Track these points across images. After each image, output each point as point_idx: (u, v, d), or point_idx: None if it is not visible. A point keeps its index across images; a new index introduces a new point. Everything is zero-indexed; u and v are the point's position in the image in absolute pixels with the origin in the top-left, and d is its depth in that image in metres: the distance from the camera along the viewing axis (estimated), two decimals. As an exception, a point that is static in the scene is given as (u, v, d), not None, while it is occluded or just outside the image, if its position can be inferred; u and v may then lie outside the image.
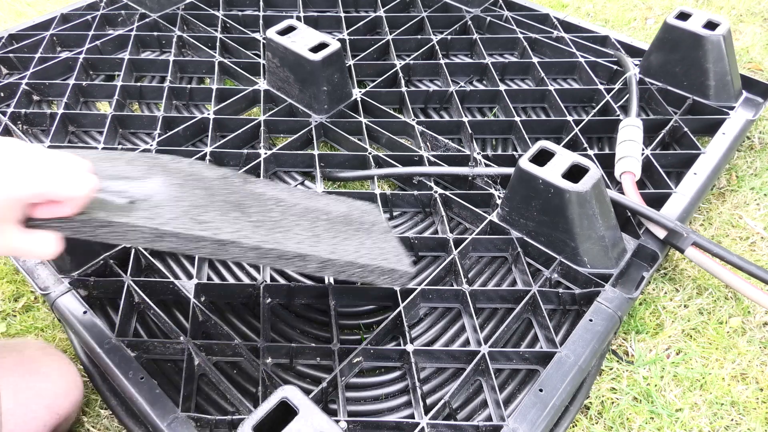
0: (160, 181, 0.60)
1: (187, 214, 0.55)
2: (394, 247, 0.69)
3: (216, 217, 0.57)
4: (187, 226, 0.53)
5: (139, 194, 0.56)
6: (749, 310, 0.83)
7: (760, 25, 1.38)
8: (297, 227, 0.62)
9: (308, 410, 0.54)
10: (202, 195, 0.60)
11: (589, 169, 0.77)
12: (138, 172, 0.61)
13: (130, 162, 0.64)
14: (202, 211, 0.57)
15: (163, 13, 1.33)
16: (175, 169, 0.64)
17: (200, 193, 0.61)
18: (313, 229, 0.64)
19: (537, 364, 0.73)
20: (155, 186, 0.58)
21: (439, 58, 1.20)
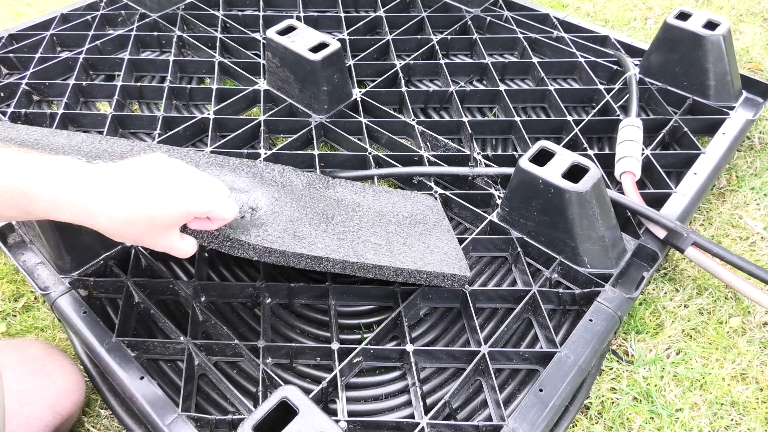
0: (262, 193, 0.73)
1: (287, 230, 0.68)
2: (454, 249, 0.78)
3: (310, 232, 0.69)
4: (289, 243, 0.66)
5: (247, 208, 0.69)
6: (749, 310, 0.84)
7: (760, 25, 1.38)
8: (373, 236, 0.74)
9: (308, 410, 0.54)
10: (295, 207, 0.73)
11: (589, 169, 0.77)
12: (243, 183, 0.75)
13: (234, 171, 0.78)
14: (298, 226, 0.70)
15: (163, 13, 1.33)
16: (270, 180, 0.78)
17: (294, 205, 0.74)
18: (387, 236, 0.75)
19: (537, 364, 0.73)
20: (259, 199, 0.72)
21: (439, 58, 1.20)
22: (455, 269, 0.73)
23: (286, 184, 0.79)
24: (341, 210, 0.77)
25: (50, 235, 0.75)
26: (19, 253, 0.83)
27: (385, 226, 0.77)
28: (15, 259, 0.82)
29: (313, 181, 0.82)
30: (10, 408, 0.61)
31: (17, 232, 0.85)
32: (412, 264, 0.70)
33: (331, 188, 0.82)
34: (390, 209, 0.82)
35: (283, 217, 0.70)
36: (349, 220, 0.75)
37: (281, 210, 0.71)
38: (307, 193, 0.78)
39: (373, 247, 0.71)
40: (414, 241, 0.76)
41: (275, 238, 0.65)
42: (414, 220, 0.81)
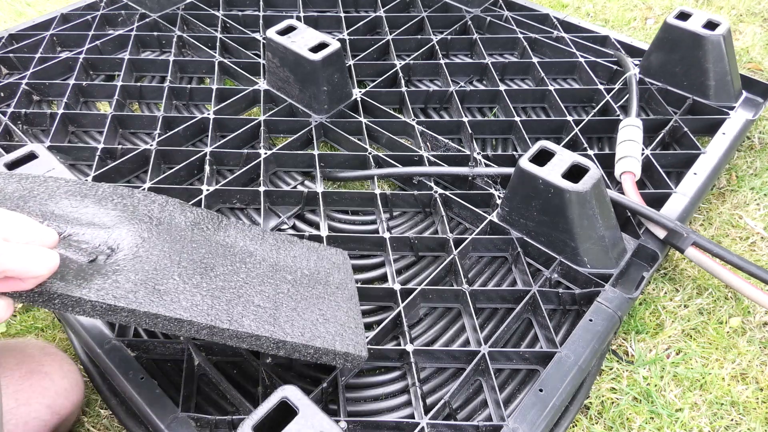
0: (126, 231, 0.60)
1: (146, 282, 0.55)
2: (354, 320, 0.68)
3: (177, 285, 0.57)
4: (143, 299, 0.53)
5: (104, 248, 0.57)
6: (749, 310, 0.83)
7: (760, 25, 1.38)
8: (258, 296, 0.63)
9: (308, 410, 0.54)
10: (167, 252, 0.61)
11: (589, 169, 0.77)
12: (107, 217, 0.61)
13: (100, 201, 0.64)
14: (163, 276, 0.57)
15: (163, 13, 1.33)
16: (144, 215, 0.64)
17: (166, 249, 0.61)
18: (275, 296, 0.64)
19: (537, 364, 0.73)
20: (121, 238, 0.59)
21: (439, 58, 1.20)
22: (349, 346, 0.63)
23: (164, 221, 0.66)
24: (227, 259, 0.65)
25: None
26: (18, 253, 0.83)
27: (276, 284, 0.66)
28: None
29: (200, 220, 0.70)
30: (8, 408, 0.61)
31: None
32: (298, 336, 0.61)
33: (221, 231, 0.70)
34: (288, 263, 0.71)
35: (147, 264, 0.58)
36: (233, 272, 0.64)
37: (147, 254, 0.59)
38: (189, 235, 0.66)
39: (255, 310, 0.61)
40: (308, 305, 0.66)
41: (126, 291, 0.53)
42: (314, 279, 0.71)
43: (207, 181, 0.94)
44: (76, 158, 1.01)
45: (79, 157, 1.01)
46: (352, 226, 0.92)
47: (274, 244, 0.73)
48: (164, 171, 0.98)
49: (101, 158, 0.98)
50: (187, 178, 0.98)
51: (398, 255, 0.87)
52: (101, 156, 0.98)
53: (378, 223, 0.92)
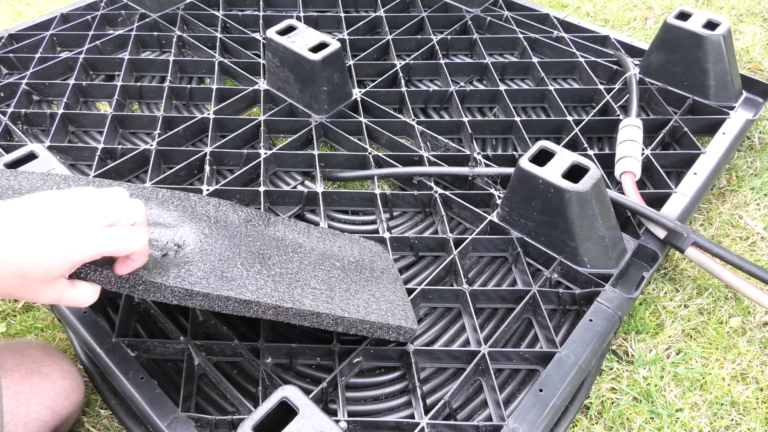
0: (190, 229, 0.66)
1: (214, 270, 0.61)
2: (401, 299, 0.72)
3: (241, 273, 0.62)
4: (215, 285, 0.58)
5: (172, 245, 0.62)
6: (749, 310, 0.83)
7: (760, 25, 1.37)
8: (313, 279, 0.68)
9: (308, 410, 0.54)
10: (227, 246, 0.66)
11: (589, 169, 0.77)
12: (170, 217, 0.67)
13: (162, 203, 0.70)
14: (228, 266, 0.62)
15: (163, 13, 1.33)
16: (203, 214, 0.71)
17: (226, 243, 0.66)
18: (329, 280, 0.69)
19: (537, 364, 0.73)
20: (186, 235, 0.64)
21: (439, 58, 1.20)
22: (401, 321, 0.67)
23: (220, 219, 0.71)
24: (280, 250, 0.70)
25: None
26: (18, 253, 0.83)
27: (327, 269, 0.71)
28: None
29: (251, 217, 0.75)
30: (8, 408, 0.61)
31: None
32: (354, 313, 0.64)
33: (271, 226, 0.76)
34: (335, 252, 0.76)
35: (212, 256, 0.63)
36: (288, 261, 0.69)
37: (211, 248, 0.64)
38: (244, 230, 0.71)
39: (312, 291, 0.65)
40: (359, 287, 0.70)
41: (198, 278, 0.58)
42: (360, 265, 0.75)
43: (207, 181, 0.94)
44: (76, 158, 1.01)
45: (79, 157, 1.01)
46: (352, 226, 0.92)
47: (320, 236, 0.78)
48: (164, 171, 0.98)
49: (101, 158, 0.98)
50: (187, 178, 0.98)
51: (398, 255, 0.87)
52: (101, 156, 0.98)
53: (378, 223, 0.92)
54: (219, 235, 0.67)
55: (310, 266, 0.70)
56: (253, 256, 0.66)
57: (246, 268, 0.64)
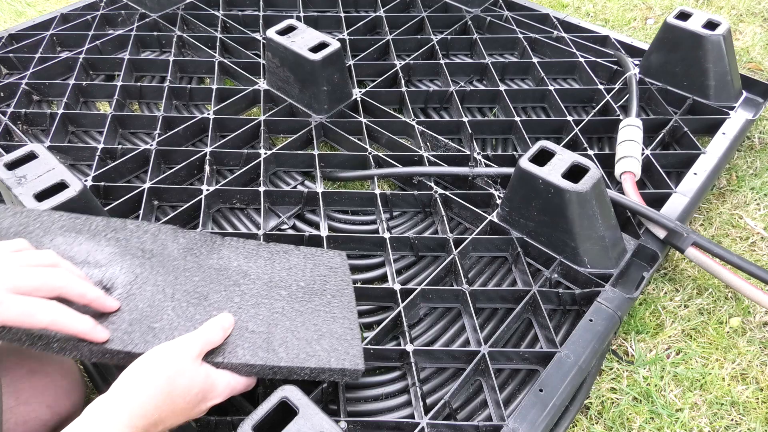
0: (120, 269, 0.62)
1: (141, 321, 0.58)
2: (351, 331, 0.67)
3: (171, 321, 0.59)
4: (139, 340, 0.56)
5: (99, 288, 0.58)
6: (749, 310, 0.83)
7: (760, 25, 1.38)
8: (252, 320, 0.63)
9: (308, 410, 0.54)
10: (161, 286, 0.63)
11: (589, 169, 0.77)
12: (101, 254, 0.64)
13: (94, 237, 0.66)
14: (157, 313, 0.60)
15: (163, 13, 1.33)
16: (137, 248, 0.67)
17: (160, 282, 0.63)
18: (270, 318, 0.65)
19: (537, 364, 0.73)
20: (115, 275, 0.61)
21: (439, 58, 1.20)
22: (345, 361, 0.63)
23: (156, 252, 0.67)
24: (221, 284, 0.66)
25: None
26: (18, 253, 0.83)
27: (270, 303, 0.66)
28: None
29: (193, 245, 0.71)
30: (8, 407, 0.60)
31: (17, 232, 0.85)
32: (292, 359, 0.61)
33: (215, 253, 0.71)
34: (283, 277, 0.71)
35: (141, 302, 0.60)
36: (227, 299, 0.65)
37: (140, 290, 0.61)
38: (182, 264, 0.67)
39: (249, 337, 0.61)
40: (303, 322, 0.66)
41: (122, 333, 0.56)
42: (310, 291, 0.70)
43: (207, 181, 0.94)
44: (76, 158, 1.01)
45: (79, 157, 1.01)
46: (352, 226, 0.92)
47: (269, 257, 0.73)
48: (164, 171, 0.98)
49: (101, 158, 0.98)
50: (187, 178, 0.98)
51: (398, 255, 0.87)
52: (101, 156, 0.98)
53: (378, 223, 0.92)
54: (152, 272, 0.64)
55: (252, 301, 0.66)
56: (188, 297, 0.63)
57: (178, 314, 0.61)
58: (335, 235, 0.86)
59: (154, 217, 0.92)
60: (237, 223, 0.91)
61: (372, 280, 0.85)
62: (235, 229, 0.90)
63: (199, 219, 0.88)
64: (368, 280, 0.85)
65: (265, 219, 0.89)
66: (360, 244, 0.87)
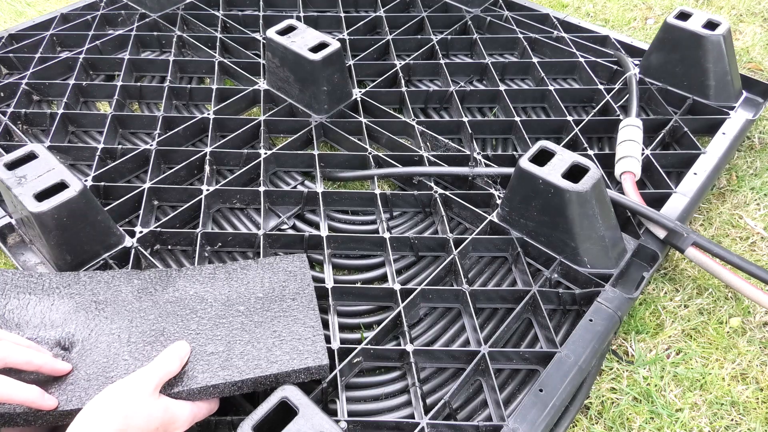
0: (75, 326, 0.65)
1: (99, 375, 0.60)
2: (312, 329, 0.68)
3: (128, 366, 0.61)
4: (95, 393, 0.57)
5: (57, 350, 0.62)
6: (749, 310, 0.83)
7: (760, 25, 1.38)
8: (211, 343, 0.65)
9: (308, 410, 0.54)
10: (116, 333, 0.65)
11: (590, 169, 0.77)
12: (56, 313, 0.67)
13: (48, 295, 0.69)
14: (114, 362, 0.62)
15: (163, 13, 1.33)
16: (91, 302, 0.69)
17: (115, 330, 0.66)
18: (229, 335, 0.66)
19: (537, 364, 0.73)
20: (71, 334, 0.64)
21: (439, 58, 1.20)
22: (308, 359, 0.64)
23: (110, 300, 0.69)
24: (177, 316, 0.68)
25: (50, 235, 0.75)
26: (19, 253, 0.83)
27: (229, 321, 0.67)
28: (15, 259, 0.82)
29: (147, 284, 0.72)
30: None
31: (17, 232, 0.85)
32: (253, 370, 0.62)
33: (170, 287, 0.72)
34: (241, 293, 0.72)
35: (97, 354, 0.62)
36: (184, 328, 0.66)
37: (95, 344, 0.63)
38: (137, 305, 0.69)
39: (208, 359, 0.62)
40: (262, 332, 0.67)
41: (80, 390, 0.58)
42: (268, 299, 0.71)
43: (207, 181, 0.94)
44: (76, 158, 1.01)
45: (79, 157, 1.01)
46: (352, 226, 0.92)
47: (226, 278, 0.74)
48: (164, 171, 0.98)
49: (101, 158, 0.98)
50: (187, 178, 0.98)
51: (398, 255, 0.87)
52: (101, 156, 0.98)
53: (378, 223, 0.92)
54: (107, 322, 0.66)
55: (210, 323, 0.67)
56: (144, 337, 0.65)
57: (135, 357, 0.62)
58: (335, 235, 0.86)
59: (153, 217, 0.92)
60: (237, 223, 0.91)
61: (372, 280, 0.85)
62: (235, 228, 0.90)
63: (199, 219, 0.88)
64: (368, 280, 0.85)
65: (265, 219, 0.89)
66: (360, 244, 0.87)
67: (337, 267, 0.86)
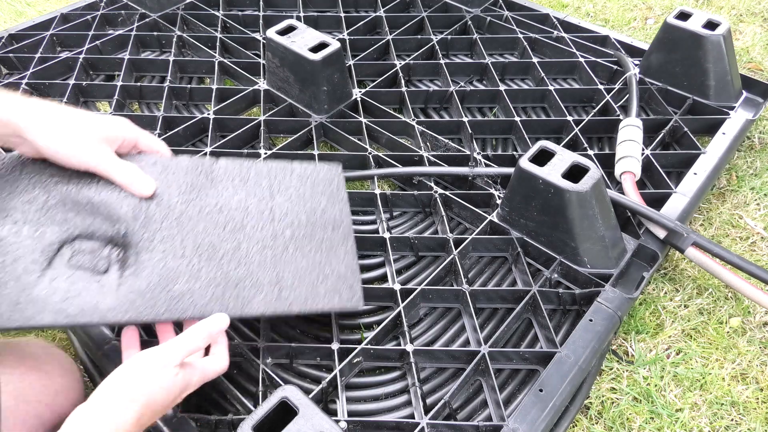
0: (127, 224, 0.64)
1: (160, 286, 0.62)
2: (350, 269, 0.71)
3: (190, 287, 0.63)
4: (164, 307, 0.61)
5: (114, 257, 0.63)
6: (749, 310, 0.83)
7: (760, 25, 1.38)
8: (261, 269, 0.67)
9: (308, 410, 0.54)
10: (170, 242, 0.65)
11: (589, 169, 0.77)
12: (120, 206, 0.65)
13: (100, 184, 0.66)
14: (175, 275, 0.63)
15: (163, 13, 1.33)
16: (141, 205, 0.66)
17: (167, 236, 0.65)
18: (277, 261, 0.68)
19: (537, 364, 0.73)
20: (125, 231, 0.64)
21: (439, 58, 1.20)
22: (348, 302, 0.69)
23: (163, 197, 0.67)
24: (226, 231, 0.68)
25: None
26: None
27: (275, 246, 0.69)
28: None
29: (194, 179, 0.70)
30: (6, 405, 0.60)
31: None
32: (301, 305, 0.66)
33: (212, 188, 0.71)
34: (284, 210, 0.72)
35: (153, 263, 0.63)
36: (236, 248, 0.67)
37: (148, 251, 0.63)
38: (184, 211, 0.68)
39: (262, 288, 0.66)
40: (308, 265, 0.69)
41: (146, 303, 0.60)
42: (310, 224, 0.73)
43: (207, 181, 0.94)
44: (76, 158, 1.01)
45: (79, 157, 1.00)
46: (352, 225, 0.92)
47: (268, 187, 0.74)
48: (164, 171, 0.98)
49: (101, 158, 0.98)
50: (187, 178, 0.98)
51: (398, 255, 0.87)
52: (101, 156, 0.98)
53: (378, 223, 0.92)
54: (158, 225, 0.65)
55: (258, 246, 0.68)
56: (200, 252, 0.65)
57: (191, 272, 0.63)
58: (335, 235, 0.86)
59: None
60: (237, 223, 0.91)
61: (372, 280, 0.85)
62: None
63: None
64: (368, 280, 0.85)
65: (265, 219, 0.89)
66: (360, 244, 0.87)
67: (337, 267, 0.86)
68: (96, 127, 0.63)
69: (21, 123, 0.59)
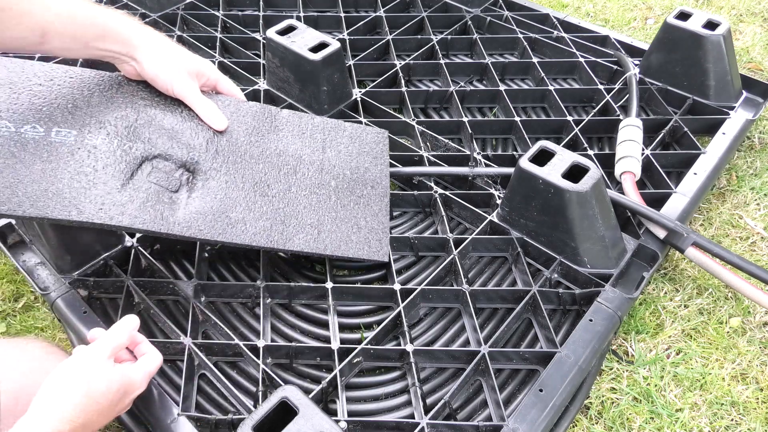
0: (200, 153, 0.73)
1: (219, 211, 0.71)
2: (382, 224, 0.81)
3: (244, 216, 0.72)
4: (221, 230, 0.70)
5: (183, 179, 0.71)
6: (749, 310, 0.83)
7: (760, 25, 1.38)
8: (306, 211, 0.77)
9: (308, 410, 0.54)
10: (233, 175, 0.74)
11: (589, 169, 0.77)
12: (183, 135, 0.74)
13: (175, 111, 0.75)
14: (233, 204, 0.72)
15: (163, 13, 1.33)
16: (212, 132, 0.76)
17: (231, 170, 0.74)
18: (320, 207, 0.78)
19: (537, 364, 0.73)
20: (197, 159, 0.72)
21: (439, 58, 1.20)
22: (376, 254, 0.79)
23: (233, 134, 0.77)
24: (280, 172, 0.78)
25: (50, 235, 0.75)
26: (19, 253, 0.83)
27: (320, 193, 0.79)
28: (15, 259, 0.82)
29: (258, 123, 0.80)
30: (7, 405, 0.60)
31: (17, 232, 0.85)
32: (334, 249, 0.76)
33: (274, 134, 0.81)
34: (333, 163, 0.82)
35: (217, 190, 0.72)
36: (287, 190, 0.77)
37: (214, 179, 0.72)
38: (248, 151, 0.77)
39: (303, 228, 0.75)
40: (345, 215, 0.79)
41: (207, 225, 0.69)
42: (354, 180, 0.82)
43: (207, 181, 0.94)
44: (76, 158, 1.01)
45: (79, 157, 1.00)
46: (352, 226, 0.92)
47: (322, 141, 0.84)
48: (164, 171, 0.98)
49: (101, 158, 0.98)
50: (187, 178, 0.98)
51: (398, 255, 0.87)
52: (101, 156, 0.98)
53: (378, 223, 0.92)
54: (224, 160, 0.74)
55: (306, 191, 0.78)
56: (256, 188, 0.75)
57: (249, 207, 0.73)
58: (335, 235, 0.86)
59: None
60: (237, 223, 0.91)
61: (372, 280, 0.85)
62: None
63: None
64: (368, 280, 0.85)
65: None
66: (360, 244, 0.87)
67: (337, 267, 0.86)
68: (191, 62, 0.74)
69: (136, 44, 0.69)
